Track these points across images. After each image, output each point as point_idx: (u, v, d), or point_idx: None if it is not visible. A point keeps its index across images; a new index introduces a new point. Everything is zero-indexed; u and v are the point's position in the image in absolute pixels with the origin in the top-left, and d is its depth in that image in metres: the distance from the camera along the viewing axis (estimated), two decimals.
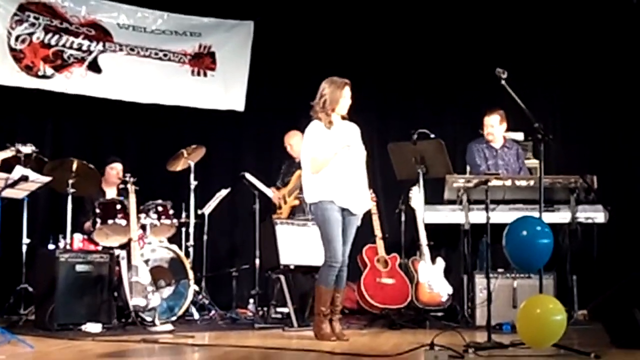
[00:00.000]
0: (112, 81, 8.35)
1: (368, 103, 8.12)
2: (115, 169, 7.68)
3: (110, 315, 6.46)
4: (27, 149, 6.47)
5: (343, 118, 5.81)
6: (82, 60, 8.23)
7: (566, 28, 8.47)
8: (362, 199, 5.79)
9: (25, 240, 7.24)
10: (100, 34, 8.34)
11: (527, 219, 5.06)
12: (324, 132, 5.69)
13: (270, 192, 7.82)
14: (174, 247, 7.10)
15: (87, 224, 7.16)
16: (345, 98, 5.73)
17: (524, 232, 4.85)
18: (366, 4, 8.73)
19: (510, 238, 4.85)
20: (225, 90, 8.86)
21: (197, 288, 7.28)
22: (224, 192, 7.97)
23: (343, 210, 5.66)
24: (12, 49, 7.89)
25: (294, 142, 7.65)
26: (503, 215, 6.33)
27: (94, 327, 6.14)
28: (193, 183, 7.68)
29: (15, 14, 7.90)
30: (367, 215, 7.20)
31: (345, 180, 5.64)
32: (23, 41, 7.94)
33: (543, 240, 4.81)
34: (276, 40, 8.87)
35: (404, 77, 8.79)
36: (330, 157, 5.61)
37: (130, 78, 8.45)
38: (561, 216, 6.73)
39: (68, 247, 6.69)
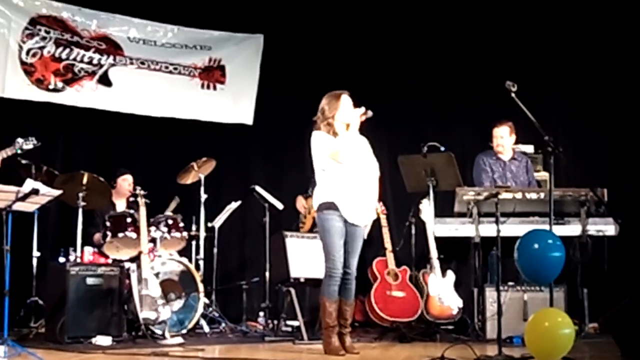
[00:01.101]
0: (122, 94, 8.38)
1: (377, 116, 8.10)
2: (127, 180, 7.69)
3: (120, 328, 6.46)
4: (29, 144, 6.49)
5: None
6: (93, 73, 8.27)
7: (575, 40, 8.48)
8: (366, 212, 5.70)
9: (36, 253, 7.24)
10: (111, 47, 8.39)
11: (539, 232, 5.05)
12: (330, 139, 5.63)
13: (280, 204, 7.80)
14: (184, 260, 7.09)
15: (97, 237, 7.17)
16: (344, 105, 5.67)
17: (536, 245, 4.84)
18: (375, 17, 8.76)
19: (522, 251, 4.84)
20: (234, 103, 8.89)
21: (207, 301, 7.27)
22: (234, 205, 7.98)
23: (345, 221, 5.60)
24: (23, 63, 7.94)
25: None
26: (513, 228, 6.27)
27: (104, 340, 6.14)
28: (203, 196, 7.70)
29: (26, 28, 7.95)
30: (377, 228, 7.22)
31: (352, 192, 5.58)
32: (34, 55, 8.00)
33: (555, 253, 4.80)
34: (285, 54, 8.89)
35: (414, 89, 8.80)
36: (351, 145, 5.58)
37: (140, 91, 8.49)
38: (571, 229, 6.70)
39: (78, 260, 6.68)
